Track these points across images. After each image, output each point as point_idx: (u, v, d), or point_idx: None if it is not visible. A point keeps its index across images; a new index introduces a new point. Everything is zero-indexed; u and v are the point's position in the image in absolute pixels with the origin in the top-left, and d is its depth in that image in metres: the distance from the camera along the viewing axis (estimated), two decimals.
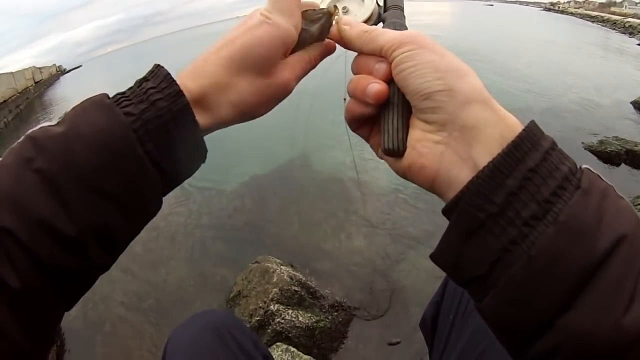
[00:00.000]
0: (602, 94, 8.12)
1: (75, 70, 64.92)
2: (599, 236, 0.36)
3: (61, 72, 51.02)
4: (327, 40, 0.60)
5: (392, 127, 0.49)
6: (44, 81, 34.65)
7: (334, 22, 0.58)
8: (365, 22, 0.59)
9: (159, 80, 0.47)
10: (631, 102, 7.29)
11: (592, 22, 21.56)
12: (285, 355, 2.36)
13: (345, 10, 0.61)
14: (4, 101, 19.76)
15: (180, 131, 0.47)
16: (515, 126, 0.42)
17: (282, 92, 0.56)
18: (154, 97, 0.46)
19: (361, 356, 2.77)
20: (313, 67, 0.60)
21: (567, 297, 0.36)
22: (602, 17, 21.43)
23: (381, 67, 0.50)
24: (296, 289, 2.99)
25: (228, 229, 4.66)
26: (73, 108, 0.47)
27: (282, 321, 2.71)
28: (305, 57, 0.58)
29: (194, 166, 0.53)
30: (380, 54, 0.50)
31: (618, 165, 4.99)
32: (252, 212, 4.98)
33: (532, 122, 0.42)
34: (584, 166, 0.42)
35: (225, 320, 1.09)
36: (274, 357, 2.31)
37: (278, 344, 2.49)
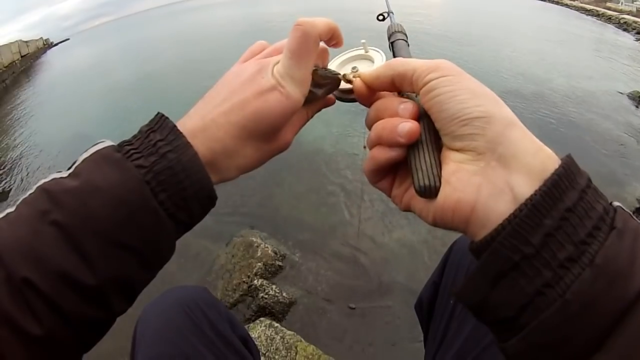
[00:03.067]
0: (595, 84, 8.14)
1: (63, 43, 63.87)
2: (632, 278, 0.35)
3: (48, 45, 50.14)
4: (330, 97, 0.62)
5: (425, 164, 0.46)
6: (30, 55, 34.18)
7: (348, 81, 0.58)
8: None
9: (166, 132, 0.48)
10: (627, 94, 7.34)
11: (587, 15, 21.53)
12: (269, 330, 2.36)
13: (355, 70, 0.61)
14: None
15: (191, 181, 0.47)
16: (553, 158, 0.40)
17: (281, 151, 0.58)
18: (164, 150, 0.47)
19: (345, 332, 2.78)
20: (309, 118, 0.62)
21: (598, 340, 0.35)
22: (597, 11, 21.38)
23: (407, 106, 0.49)
24: (280, 263, 3.00)
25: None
26: (83, 160, 0.47)
27: (266, 296, 2.71)
28: (304, 113, 0.60)
29: (205, 212, 0.53)
30: (412, 80, 0.48)
31: (613, 154, 5.01)
32: (236, 186, 4.88)
33: (569, 157, 0.40)
34: (615, 204, 0.40)
35: (198, 299, 1.03)
36: (257, 332, 2.33)
37: (262, 319, 2.49)
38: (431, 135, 0.48)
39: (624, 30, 16.66)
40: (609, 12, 18.41)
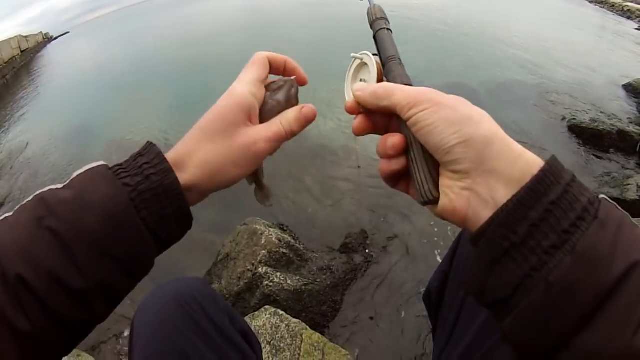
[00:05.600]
0: (596, 73, 8.04)
1: (63, 36, 63.82)
2: (612, 264, 0.39)
3: (48, 39, 50.05)
4: (302, 105, 0.66)
5: (419, 181, 0.53)
6: (30, 49, 34.14)
7: (348, 94, 0.66)
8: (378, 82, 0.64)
9: (152, 156, 0.55)
10: (623, 85, 7.18)
11: (589, 2, 21.39)
12: (274, 318, 2.34)
13: (363, 80, 0.68)
14: None
15: (170, 202, 0.54)
16: (534, 162, 0.47)
17: (248, 153, 0.61)
18: (148, 172, 0.53)
19: (350, 320, 2.77)
20: (290, 133, 0.64)
21: (582, 320, 0.39)
22: None
23: (393, 140, 0.57)
24: (285, 251, 2.97)
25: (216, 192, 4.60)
26: (78, 175, 0.54)
27: (271, 284, 2.69)
28: (277, 122, 0.63)
29: (182, 232, 0.60)
30: (395, 111, 0.55)
31: (609, 144, 4.94)
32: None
33: (554, 157, 0.46)
34: (601, 196, 0.45)
35: (194, 291, 1.01)
36: (262, 320, 2.32)
37: (266, 307, 2.46)
38: (421, 151, 0.54)
39: (628, 18, 16.52)
40: (612, 0, 18.19)
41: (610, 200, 0.45)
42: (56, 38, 57.81)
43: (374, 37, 0.70)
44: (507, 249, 0.43)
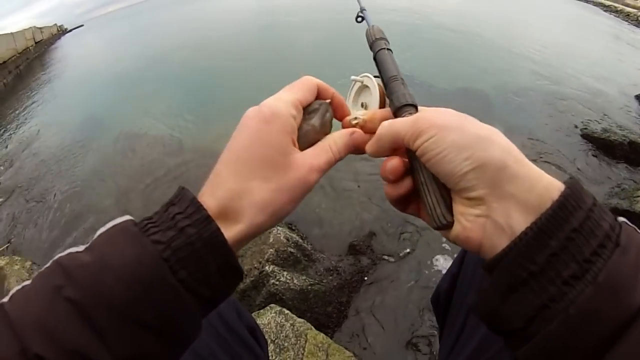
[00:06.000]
0: (609, 83, 8.00)
1: (77, 29, 64.17)
2: (635, 291, 0.38)
3: (62, 31, 50.36)
4: (351, 129, 0.60)
5: (430, 206, 0.50)
6: (44, 41, 34.38)
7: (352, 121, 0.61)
8: (379, 107, 0.62)
9: (185, 204, 0.46)
10: (635, 95, 7.17)
11: (604, 10, 21.21)
12: (279, 317, 2.34)
13: (364, 105, 0.66)
14: (4, 62, 19.75)
15: (213, 257, 0.45)
16: (553, 185, 0.43)
17: (304, 187, 0.53)
18: (182, 224, 0.45)
19: (355, 322, 2.77)
20: (338, 160, 0.58)
21: (601, 349, 0.37)
22: (615, 7, 21.04)
23: (392, 163, 0.54)
24: (292, 250, 2.98)
25: None
26: (100, 235, 0.46)
27: (277, 283, 2.70)
28: (327, 148, 0.57)
29: (231, 287, 0.50)
30: (403, 143, 0.51)
31: (620, 155, 4.91)
32: None
33: (574, 179, 0.43)
34: (620, 219, 0.43)
35: None
36: (267, 318, 2.32)
37: (272, 305, 2.47)
38: (429, 174, 0.51)
39: None
40: (627, 9, 18.05)
41: (630, 224, 0.43)
42: (70, 30, 58.20)
43: (374, 58, 0.67)
44: (525, 279, 0.41)
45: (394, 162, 0.54)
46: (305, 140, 0.56)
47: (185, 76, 11.64)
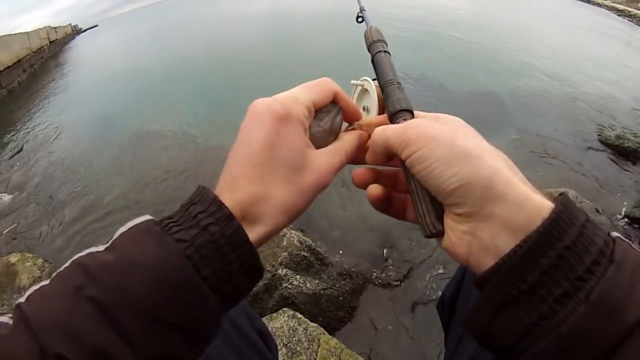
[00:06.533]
0: (622, 88, 7.95)
1: (92, 29, 64.78)
2: (630, 308, 0.37)
3: (77, 31, 50.82)
4: (359, 131, 0.61)
5: (420, 214, 0.50)
6: (59, 40, 34.71)
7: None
8: (380, 109, 0.64)
9: (207, 203, 0.46)
10: None
11: (617, 15, 21.11)
12: (292, 321, 2.34)
13: (366, 109, 0.67)
14: (18, 61, 19.92)
15: (236, 255, 0.46)
16: (543, 204, 0.42)
17: (319, 188, 0.54)
18: (205, 222, 0.45)
19: (366, 327, 2.76)
20: (349, 160, 0.59)
21: None
22: (629, 11, 20.89)
23: (358, 172, 0.60)
24: (305, 254, 2.97)
25: None
26: (121, 234, 0.46)
27: (290, 286, 2.69)
28: (341, 150, 0.58)
29: (251, 285, 0.50)
30: (393, 151, 0.51)
31: (634, 162, 4.85)
32: None
33: (566, 196, 0.43)
34: (614, 234, 0.42)
35: None
36: (279, 322, 2.32)
37: (284, 309, 2.46)
38: (419, 184, 0.50)
39: None
40: None
41: (624, 239, 0.42)
42: (85, 30, 58.74)
43: (372, 61, 0.67)
44: (516, 297, 0.40)
45: (360, 172, 0.58)
46: (314, 142, 0.56)
47: (198, 76, 11.75)
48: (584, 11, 21.41)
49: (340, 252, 3.37)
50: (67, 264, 0.45)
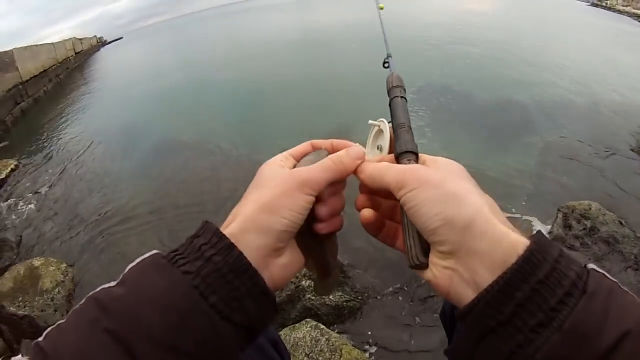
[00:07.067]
0: None
1: (117, 42, 65.67)
2: (602, 336, 0.39)
3: (102, 43, 51.59)
4: (353, 146, 0.63)
5: (408, 246, 0.54)
6: (84, 52, 35.26)
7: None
8: (389, 150, 0.67)
9: (209, 235, 0.49)
10: None
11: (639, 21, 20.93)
12: (314, 332, 2.35)
13: (380, 148, 0.71)
14: (45, 71, 20.30)
15: (241, 280, 0.48)
16: (519, 242, 0.46)
17: (301, 188, 0.55)
18: (209, 254, 0.47)
19: (388, 339, 2.76)
20: (342, 166, 0.60)
21: None
22: None
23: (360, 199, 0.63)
24: None
25: None
26: (130, 269, 0.48)
27: (313, 298, 2.71)
28: (326, 160, 0.60)
29: (266, 314, 0.52)
30: (390, 190, 0.55)
31: None
32: None
33: (540, 233, 0.46)
34: (590, 266, 0.45)
35: None
36: (302, 332, 2.33)
37: (307, 320, 2.48)
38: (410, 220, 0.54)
39: None
40: None
41: (599, 270, 0.45)
42: (110, 43, 59.56)
43: (390, 104, 0.72)
44: (494, 328, 0.44)
45: (361, 197, 0.63)
46: None
47: (221, 90, 11.89)
48: (606, 19, 21.20)
49: (364, 264, 3.37)
50: (82, 301, 0.46)
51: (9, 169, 8.09)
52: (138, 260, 0.49)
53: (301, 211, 0.54)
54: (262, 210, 0.52)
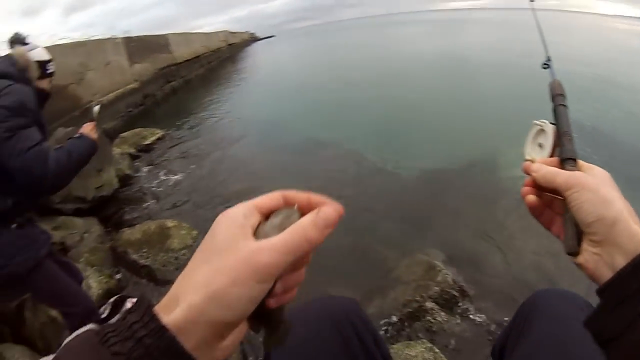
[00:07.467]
0: None
1: (268, 39, 68.94)
2: None
3: (254, 39, 54.46)
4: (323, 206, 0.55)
5: (567, 236, 0.70)
6: (236, 45, 37.76)
7: (527, 154, 0.85)
8: (552, 149, 0.80)
9: (141, 312, 0.45)
10: None
11: None
12: (428, 353, 2.37)
13: (540, 145, 0.83)
14: (197, 56, 22.10)
15: None
16: None
17: (246, 267, 0.49)
18: (140, 334, 0.43)
19: None
20: (306, 240, 0.51)
21: None
22: None
23: (529, 198, 0.80)
24: (455, 294, 3.02)
25: (397, 213, 4.81)
26: (64, 345, 0.46)
27: (433, 321, 2.72)
28: (287, 230, 0.53)
29: None
30: (558, 189, 0.71)
31: None
32: (425, 204, 5.05)
33: None
34: None
35: (349, 312, 1.08)
36: (415, 351, 2.34)
37: (424, 340, 2.51)
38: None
39: None
40: None
41: None
42: (262, 39, 62.88)
43: (553, 110, 0.82)
44: (624, 298, 0.57)
45: (530, 198, 0.79)
46: (265, 237, 0.52)
47: (364, 99, 11.82)
48: None
49: (490, 298, 3.25)
50: None
51: (156, 137, 8.90)
52: (73, 335, 0.47)
53: (255, 301, 0.49)
54: (210, 301, 0.46)
